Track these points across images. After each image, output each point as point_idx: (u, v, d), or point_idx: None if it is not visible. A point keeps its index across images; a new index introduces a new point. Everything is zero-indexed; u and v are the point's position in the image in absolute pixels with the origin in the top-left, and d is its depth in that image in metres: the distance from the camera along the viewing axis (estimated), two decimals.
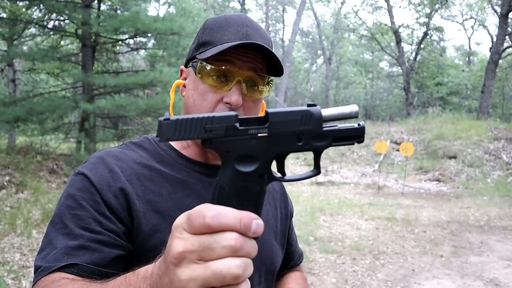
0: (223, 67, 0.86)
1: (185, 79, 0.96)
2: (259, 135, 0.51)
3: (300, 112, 0.52)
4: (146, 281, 0.55)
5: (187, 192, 0.90)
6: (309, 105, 0.53)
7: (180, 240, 0.48)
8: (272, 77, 0.92)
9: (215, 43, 0.87)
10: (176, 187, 0.89)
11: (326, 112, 0.53)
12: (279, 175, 0.55)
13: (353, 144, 0.54)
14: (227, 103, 0.86)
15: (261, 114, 1.04)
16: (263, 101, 1.00)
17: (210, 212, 0.47)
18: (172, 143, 0.97)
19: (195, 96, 0.89)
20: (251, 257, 0.49)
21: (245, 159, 0.51)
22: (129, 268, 0.82)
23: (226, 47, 0.82)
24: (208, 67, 0.87)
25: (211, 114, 0.50)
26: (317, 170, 0.56)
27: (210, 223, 0.46)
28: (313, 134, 0.52)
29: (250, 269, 0.49)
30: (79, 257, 0.75)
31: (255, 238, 0.49)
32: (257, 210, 0.53)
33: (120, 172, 0.85)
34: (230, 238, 0.47)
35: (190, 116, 0.50)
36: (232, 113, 0.50)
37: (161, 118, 0.50)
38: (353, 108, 0.55)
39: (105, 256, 0.77)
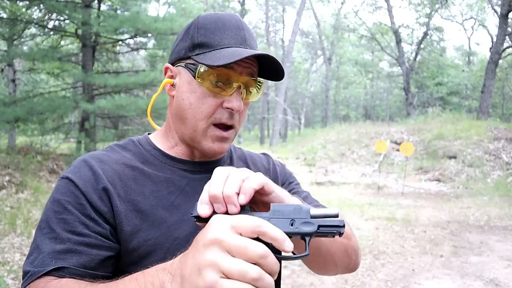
0: (225, 72, 0.86)
1: (171, 77, 0.94)
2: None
3: (293, 206, 0.67)
4: (165, 270, 0.60)
5: (171, 189, 0.90)
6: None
7: (220, 231, 0.56)
8: (261, 80, 0.93)
9: (215, 46, 0.86)
10: (160, 185, 0.90)
11: (313, 211, 0.67)
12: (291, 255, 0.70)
13: (334, 236, 0.65)
14: (228, 107, 0.87)
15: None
16: None
17: (263, 222, 0.57)
18: (157, 144, 0.97)
19: (191, 99, 0.88)
20: (272, 273, 0.56)
21: None
22: (118, 269, 0.83)
23: (239, 57, 0.82)
24: (210, 71, 0.86)
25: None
26: (307, 253, 0.65)
27: (259, 230, 0.56)
28: (302, 221, 0.65)
29: (267, 282, 0.54)
30: (67, 260, 0.76)
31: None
32: None
33: (103, 174, 0.85)
34: (262, 248, 0.55)
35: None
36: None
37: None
38: (334, 210, 0.67)
39: (93, 258, 0.78)
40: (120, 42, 12.88)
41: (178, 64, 0.91)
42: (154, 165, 0.93)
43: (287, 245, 0.58)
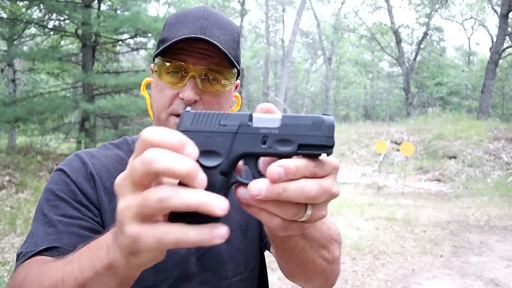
0: (177, 63, 0.87)
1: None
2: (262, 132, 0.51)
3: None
4: (109, 235, 0.53)
5: None
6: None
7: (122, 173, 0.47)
8: (236, 69, 0.91)
9: (170, 39, 0.86)
10: None
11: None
12: (246, 180, 0.52)
13: (319, 155, 0.51)
14: (182, 98, 0.87)
15: (237, 107, 1.05)
16: (236, 94, 1.01)
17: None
18: None
19: (155, 94, 0.91)
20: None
21: (209, 154, 0.51)
22: None
23: (169, 43, 0.84)
24: (163, 64, 0.88)
25: (226, 112, 0.53)
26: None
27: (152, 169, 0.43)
28: (277, 138, 0.51)
29: (180, 196, 0.43)
30: (59, 240, 0.77)
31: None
32: None
33: (92, 166, 0.89)
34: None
35: (208, 111, 0.53)
36: (246, 113, 0.52)
37: (184, 111, 0.53)
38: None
39: (84, 239, 0.77)
40: (120, 42, 12.88)
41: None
42: None
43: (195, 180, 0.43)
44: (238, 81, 1.00)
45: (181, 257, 0.89)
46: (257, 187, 0.47)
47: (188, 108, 0.53)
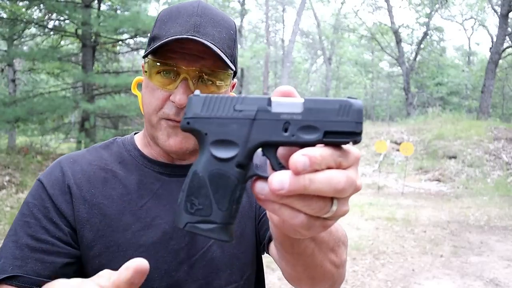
0: (168, 64, 0.81)
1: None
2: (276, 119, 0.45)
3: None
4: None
5: (142, 192, 0.87)
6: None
7: None
8: (232, 70, 0.85)
9: (162, 37, 0.80)
10: (130, 188, 0.87)
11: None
12: (265, 173, 0.47)
13: (348, 143, 0.46)
14: (173, 102, 0.82)
15: None
16: (232, 93, 0.93)
17: None
18: (138, 145, 0.94)
19: (145, 94, 0.86)
20: None
21: (223, 144, 0.46)
22: (80, 274, 0.82)
23: (158, 44, 0.78)
24: (154, 64, 0.82)
25: (242, 95, 0.47)
26: None
27: None
28: (300, 125, 0.45)
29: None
30: (22, 268, 0.76)
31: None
32: (231, 204, 0.47)
33: (71, 176, 0.85)
34: None
35: (220, 95, 0.47)
36: (265, 96, 0.46)
37: (192, 94, 0.48)
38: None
39: (47, 267, 0.78)
40: (120, 42, 12.88)
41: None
42: (129, 167, 0.90)
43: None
44: (235, 80, 0.94)
45: (169, 266, 0.84)
46: (280, 179, 0.42)
47: (197, 91, 0.48)
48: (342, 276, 0.80)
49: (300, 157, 0.42)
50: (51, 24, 12.27)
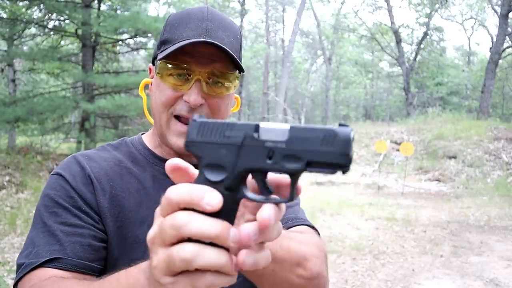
0: (182, 67, 0.85)
1: (153, 77, 0.96)
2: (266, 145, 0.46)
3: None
4: (146, 273, 0.55)
5: (157, 187, 0.90)
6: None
7: (153, 226, 0.49)
8: (240, 71, 0.90)
9: (174, 41, 0.85)
10: (146, 183, 0.90)
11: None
12: (255, 196, 0.48)
13: (333, 173, 0.45)
14: (186, 101, 0.86)
15: (237, 108, 1.02)
16: (236, 95, 0.99)
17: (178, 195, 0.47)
18: (147, 144, 0.97)
19: (156, 94, 0.89)
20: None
21: (214, 168, 0.48)
22: (108, 259, 0.83)
23: (176, 47, 0.82)
24: (167, 66, 0.86)
25: (233, 121, 0.49)
26: (290, 198, 0.48)
27: (173, 200, 0.47)
28: (284, 153, 0.45)
29: (203, 257, 0.45)
30: (61, 251, 0.76)
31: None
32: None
33: (90, 170, 0.87)
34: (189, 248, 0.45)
35: (215, 121, 0.50)
36: (253, 123, 0.48)
37: (191, 120, 0.51)
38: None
39: (86, 249, 0.79)
40: (120, 42, 12.88)
41: (154, 64, 0.93)
42: (142, 164, 0.93)
43: (207, 202, 0.45)
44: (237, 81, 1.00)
45: None
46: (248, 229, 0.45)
47: (195, 116, 0.51)
48: (320, 285, 0.79)
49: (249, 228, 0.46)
50: (51, 24, 12.28)
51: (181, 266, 0.45)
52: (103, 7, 11.70)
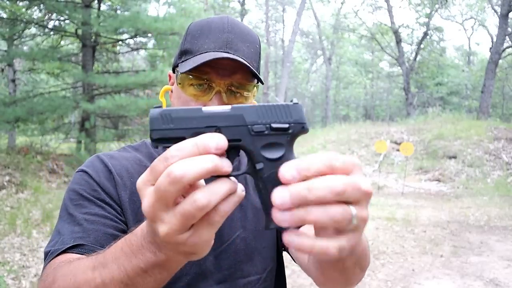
0: (202, 78, 0.88)
1: (173, 84, 0.98)
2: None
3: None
4: (146, 238, 0.56)
5: None
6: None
7: (145, 198, 0.50)
8: (257, 82, 0.93)
9: (195, 52, 0.88)
10: None
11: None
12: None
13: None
14: None
15: None
16: (254, 101, 1.01)
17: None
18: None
19: (178, 104, 0.93)
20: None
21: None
22: None
23: (197, 64, 0.84)
24: (188, 77, 0.88)
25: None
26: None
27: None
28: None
29: (218, 193, 0.46)
30: (85, 238, 0.80)
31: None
32: None
33: (112, 167, 0.92)
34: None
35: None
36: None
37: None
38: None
39: (108, 238, 0.81)
40: (120, 42, 12.89)
41: (175, 72, 0.96)
42: None
43: (214, 146, 0.46)
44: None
45: None
46: (279, 195, 0.44)
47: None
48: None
49: (285, 167, 0.45)
50: (51, 24, 12.28)
51: (200, 215, 0.45)
52: (103, 7, 11.70)
